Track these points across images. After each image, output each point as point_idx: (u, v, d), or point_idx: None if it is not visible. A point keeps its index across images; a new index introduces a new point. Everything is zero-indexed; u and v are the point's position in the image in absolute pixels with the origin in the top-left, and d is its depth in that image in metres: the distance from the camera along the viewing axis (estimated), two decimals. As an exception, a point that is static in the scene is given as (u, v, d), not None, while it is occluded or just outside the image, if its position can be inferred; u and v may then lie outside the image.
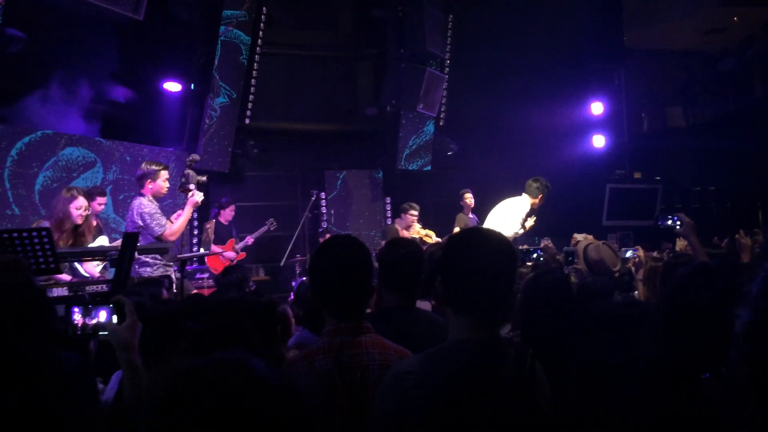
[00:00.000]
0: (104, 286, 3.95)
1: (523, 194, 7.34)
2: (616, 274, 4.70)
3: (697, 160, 12.54)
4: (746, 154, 11.24)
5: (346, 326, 2.11)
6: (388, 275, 2.68)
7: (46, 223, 5.02)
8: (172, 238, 5.54)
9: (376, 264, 2.59)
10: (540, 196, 7.29)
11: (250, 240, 8.95)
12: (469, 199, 8.97)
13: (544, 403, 1.80)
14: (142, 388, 1.85)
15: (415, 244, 2.98)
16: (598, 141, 11.42)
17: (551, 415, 1.81)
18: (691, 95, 12.57)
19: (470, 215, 8.91)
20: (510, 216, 7.25)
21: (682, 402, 0.99)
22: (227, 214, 9.00)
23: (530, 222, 7.32)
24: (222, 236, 8.81)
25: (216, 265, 8.53)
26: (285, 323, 2.97)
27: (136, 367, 1.89)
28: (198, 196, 5.59)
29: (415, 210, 8.76)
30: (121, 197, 8.30)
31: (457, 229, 8.11)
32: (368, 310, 2.62)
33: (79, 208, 5.01)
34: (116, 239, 6.65)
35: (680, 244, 5.47)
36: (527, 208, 7.31)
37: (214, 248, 8.56)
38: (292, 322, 3.13)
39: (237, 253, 8.78)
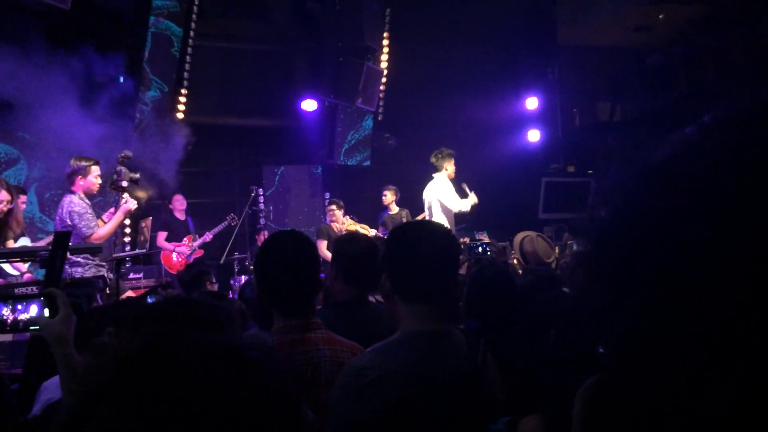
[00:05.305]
0: (34, 288, 3.76)
1: (434, 175, 7.40)
2: (553, 265, 4.83)
3: (625, 154, 12.91)
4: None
5: (295, 323, 2.08)
6: (348, 270, 2.67)
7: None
8: (98, 242, 5.33)
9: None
10: (446, 165, 7.31)
11: (208, 237, 8.60)
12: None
13: (499, 391, 1.85)
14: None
15: (370, 239, 3.01)
16: (534, 135, 11.64)
17: (504, 401, 1.85)
18: (620, 90, 12.95)
19: (391, 211, 8.90)
20: (443, 197, 7.22)
21: None
22: (177, 206, 8.62)
23: (473, 196, 7.29)
24: (178, 232, 8.40)
25: (169, 263, 8.20)
26: (244, 319, 2.93)
27: (74, 363, 1.75)
28: (131, 204, 5.39)
29: (334, 204, 8.79)
30: (48, 195, 7.94)
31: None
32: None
33: (1, 201, 4.75)
34: (42, 239, 6.35)
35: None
36: (448, 182, 7.33)
37: (167, 245, 8.21)
38: (248, 319, 3.07)
39: (193, 250, 8.41)
